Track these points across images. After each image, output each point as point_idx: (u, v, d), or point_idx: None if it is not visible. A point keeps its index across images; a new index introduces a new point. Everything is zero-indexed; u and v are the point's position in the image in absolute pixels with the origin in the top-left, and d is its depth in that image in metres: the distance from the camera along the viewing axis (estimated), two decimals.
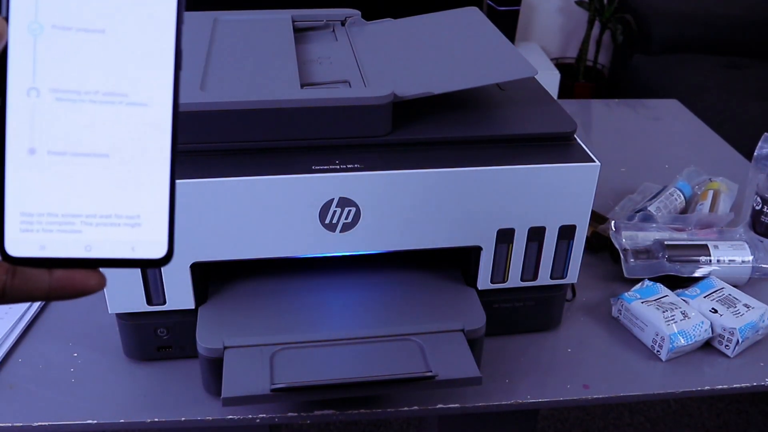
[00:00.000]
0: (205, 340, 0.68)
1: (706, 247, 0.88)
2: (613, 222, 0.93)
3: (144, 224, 0.32)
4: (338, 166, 0.65)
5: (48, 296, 0.33)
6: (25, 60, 0.31)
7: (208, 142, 0.66)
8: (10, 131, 0.31)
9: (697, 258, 0.88)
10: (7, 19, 0.31)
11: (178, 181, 0.64)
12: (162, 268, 0.67)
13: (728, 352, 0.79)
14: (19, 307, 0.81)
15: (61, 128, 0.31)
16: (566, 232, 0.73)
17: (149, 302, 0.70)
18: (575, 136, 0.73)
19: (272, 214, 0.66)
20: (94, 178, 0.32)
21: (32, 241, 0.32)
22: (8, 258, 0.32)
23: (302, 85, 0.71)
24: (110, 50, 0.31)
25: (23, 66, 0.31)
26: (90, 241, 0.32)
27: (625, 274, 0.88)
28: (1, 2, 0.31)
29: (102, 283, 0.33)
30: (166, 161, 0.32)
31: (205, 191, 0.64)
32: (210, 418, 0.70)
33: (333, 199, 0.66)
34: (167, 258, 0.33)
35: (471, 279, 0.75)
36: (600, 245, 0.95)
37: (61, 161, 0.31)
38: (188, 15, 0.87)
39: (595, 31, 2.84)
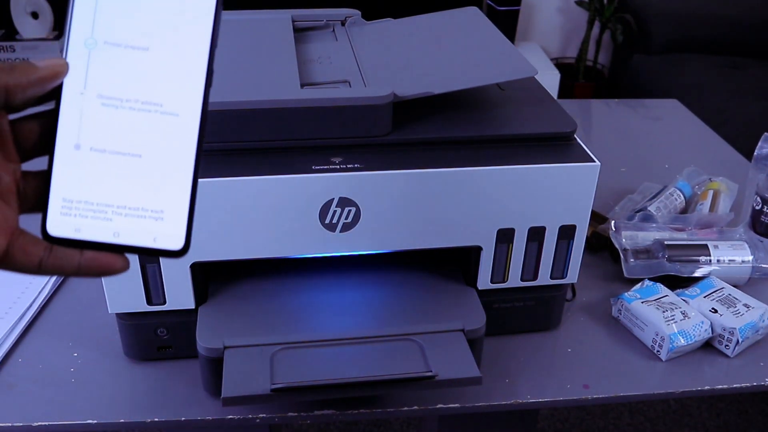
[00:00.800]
0: (205, 340, 0.68)
1: (706, 247, 0.88)
2: (613, 222, 0.93)
3: (166, 219, 0.37)
4: (338, 166, 0.65)
5: (77, 273, 0.37)
6: (80, 69, 0.36)
7: (208, 142, 0.66)
8: (61, 128, 0.36)
9: (697, 258, 0.88)
10: (68, 34, 0.36)
11: None
12: (162, 268, 0.67)
13: (728, 352, 0.79)
14: (20, 307, 0.81)
15: (104, 129, 0.36)
16: (566, 232, 0.73)
17: (149, 302, 0.70)
18: (575, 136, 0.73)
19: (272, 214, 0.66)
20: (127, 174, 0.36)
21: (69, 224, 0.36)
22: (48, 237, 0.36)
23: (302, 85, 0.71)
24: (151, 66, 0.36)
25: (77, 74, 0.36)
26: (118, 229, 0.37)
27: (625, 274, 0.88)
28: (65, 21, 0.36)
29: (126, 266, 0.38)
30: (190, 165, 0.37)
31: (205, 191, 0.64)
32: (210, 418, 0.70)
33: (333, 199, 0.66)
34: (184, 250, 0.37)
35: (471, 279, 0.75)
36: (600, 245, 0.95)
37: (101, 157, 0.36)
38: None
39: (595, 31, 2.84)
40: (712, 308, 0.80)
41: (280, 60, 0.76)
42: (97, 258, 0.37)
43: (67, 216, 0.36)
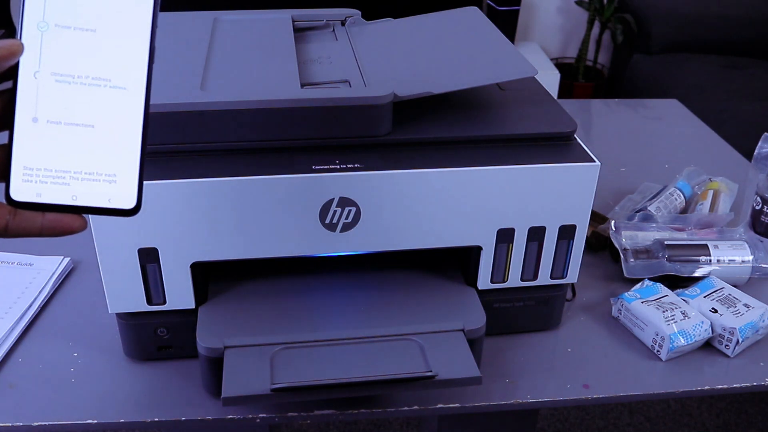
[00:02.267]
0: (205, 340, 0.68)
1: (706, 246, 0.88)
2: (613, 222, 0.93)
3: (119, 181, 0.41)
4: (338, 166, 0.65)
5: (41, 233, 0.42)
6: (34, 50, 0.40)
7: (208, 142, 0.66)
8: (19, 104, 0.40)
9: (697, 258, 0.88)
10: (22, 18, 0.40)
11: (178, 181, 0.65)
12: (162, 268, 0.67)
13: (728, 352, 0.79)
14: (20, 307, 0.81)
15: (58, 103, 0.40)
16: (566, 232, 0.73)
17: (149, 302, 0.70)
18: (575, 136, 0.73)
19: (272, 214, 0.66)
20: (82, 143, 0.40)
21: (31, 189, 0.40)
22: (12, 201, 0.40)
23: (302, 85, 0.71)
24: (99, 45, 0.40)
25: (32, 55, 0.40)
26: (76, 192, 0.41)
27: (625, 274, 0.88)
28: (19, 7, 0.40)
29: (83, 225, 0.42)
30: (138, 133, 0.41)
31: (205, 191, 0.64)
32: (210, 418, 0.70)
33: (333, 199, 0.66)
34: (136, 209, 0.41)
35: (471, 279, 0.76)
36: (600, 245, 0.95)
37: (57, 129, 0.40)
38: (188, 15, 0.87)
39: (595, 30, 2.84)
40: (712, 308, 0.80)
41: (280, 60, 0.76)
42: (58, 219, 0.41)
43: (29, 182, 0.40)
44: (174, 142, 0.66)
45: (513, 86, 0.80)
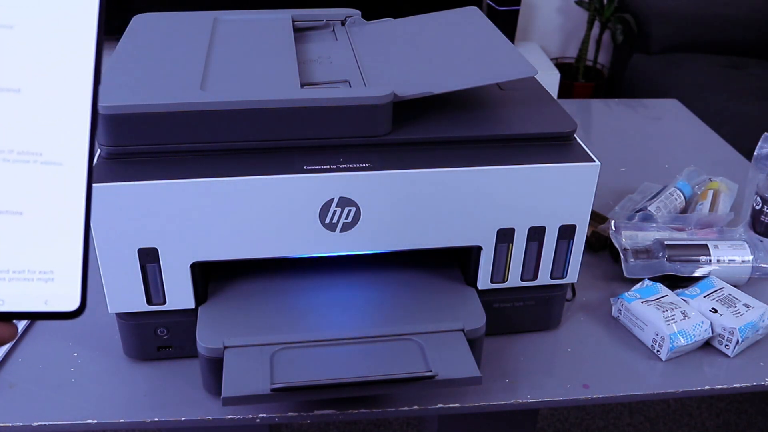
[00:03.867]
0: (205, 339, 0.68)
1: (706, 246, 0.88)
2: (613, 222, 0.93)
3: (57, 279, 0.33)
4: (338, 166, 0.65)
5: None
6: None
7: (208, 141, 0.66)
8: None
9: (697, 258, 0.88)
10: None
11: (178, 181, 0.64)
12: (162, 268, 0.67)
13: (728, 352, 0.79)
14: None
15: None
16: (566, 232, 0.73)
17: (149, 302, 0.70)
18: (575, 136, 0.73)
19: (272, 213, 0.66)
20: (8, 234, 0.32)
21: None
22: None
23: (302, 85, 0.71)
24: (26, 110, 0.31)
25: None
26: (3, 296, 0.33)
27: (625, 274, 0.88)
28: None
29: (14, 334, 0.34)
30: (80, 218, 0.33)
31: (205, 191, 0.64)
32: (210, 418, 0.70)
33: (333, 198, 0.66)
34: (79, 311, 0.34)
35: (471, 279, 0.76)
36: (600, 245, 0.95)
37: None
38: (188, 15, 0.87)
39: (595, 30, 2.84)
40: (712, 308, 0.80)
41: (280, 60, 0.76)
42: None
43: None
44: (174, 142, 0.66)
45: (513, 86, 0.80)
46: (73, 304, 0.34)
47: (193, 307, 0.71)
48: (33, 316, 0.34)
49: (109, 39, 0.71)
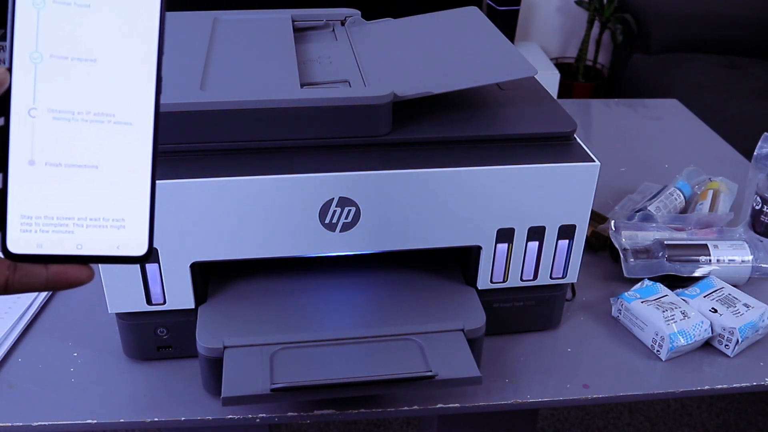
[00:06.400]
0: (205, 339, 0.68)
1: (705, 246, 0.88)
2: (613, 222, 0.93)
3: (128, 226, 0.37)
4: (338, 166, 0.65)
5: (45, 288, 0.38)
6: (27, 84, 0.36)
7: (208, 141, 0.66)
8: (13, 145, 0.36)
9: (697, 258, 0.88)
10: (11, 48, 0.35)
11: (178, 181, 0.64)
12: (162, 268, 0.67)
13: (728, 352, 0.79)
14: (19, 307, 0.81)
15: (57, 143, 0.36)
16: (566, 232, 0.73)
17: (149, 302, 0.70)
18: (575, 135, 0.73)
19: (272, 213, 0.66)
20: (85, 186, 0.37)
21: (31, 240, 0.36)
22: (10, 255, 0.36)
23: (302, 85, 0.71)
24: (101, 77, 0.36)
25: (25, 89, 0.36)
26: (81, 241, 0.37)
27: (625, 274, 0.88)
28: (6, 33, 0.36)
29: (91, 276, 0.38)
30: (147, 172, 0.37)
31: (206, 191, 0.64)
32: (210, 418, 0.70)
33: (333, 199, 0.66)
34: (147, 256, 0.38)
35: (471, 279, 0.76)
36: (600, 245, 0.95)
37: (57, 171, 0.36)
38: (188, 15, 0.87)
39: (595, 30, 2.84)
40: (712, 308, 0.80)
41: (279, 60, 0.76)
42: (63, 271, 0.37)
43: (28, 232, 0.36)
44: (174, 142, 0.66)
45: (513, 86, 0.80)
46: (141, 250, 0.37)
47: (192, 307, 0.71)
48: (107, 260, 0.37)
49: None
